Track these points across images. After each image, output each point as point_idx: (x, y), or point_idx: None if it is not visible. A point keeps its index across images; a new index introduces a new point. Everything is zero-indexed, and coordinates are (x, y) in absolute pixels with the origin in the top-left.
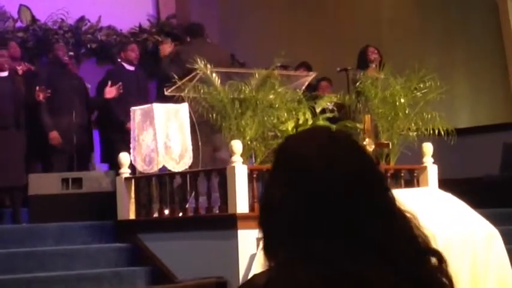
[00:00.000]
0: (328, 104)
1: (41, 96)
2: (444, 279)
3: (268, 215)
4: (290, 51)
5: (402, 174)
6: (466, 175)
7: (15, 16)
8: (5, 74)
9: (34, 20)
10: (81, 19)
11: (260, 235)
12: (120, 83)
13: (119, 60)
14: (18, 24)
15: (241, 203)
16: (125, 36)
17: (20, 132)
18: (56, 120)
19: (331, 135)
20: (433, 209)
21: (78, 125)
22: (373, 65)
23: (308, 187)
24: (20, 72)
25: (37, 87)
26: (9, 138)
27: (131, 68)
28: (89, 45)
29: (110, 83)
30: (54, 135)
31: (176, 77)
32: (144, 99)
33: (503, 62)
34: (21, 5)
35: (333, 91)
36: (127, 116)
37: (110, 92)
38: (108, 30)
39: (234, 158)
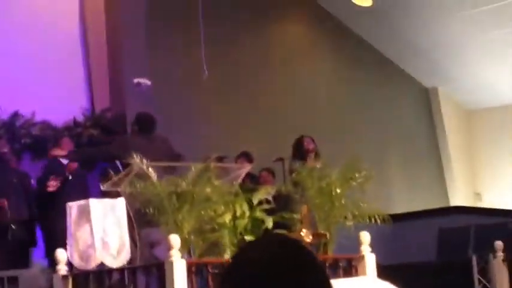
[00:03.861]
0: (266, 195)
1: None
2: None
3: None
4: (227, 141)
5: (340, 264)
6: (404, 260)
7: None
8: None
9: None
10: (15, 114)
11: None
12: (61, 178)
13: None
14: None
15: None
16: (59, 131)
17: None
18: None
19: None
20: None
21: (16, 220)
22: (312, 155)
23: None
24: None
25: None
26: None
27: (66, 161)
28: (23, 141)
29: (52, 176)
30: None
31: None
32: (83, 193)
33: (436, 149)
34: None
35: (274, 181)
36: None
37: (53, 185)
38: (43, 124)
39: (172, 253)
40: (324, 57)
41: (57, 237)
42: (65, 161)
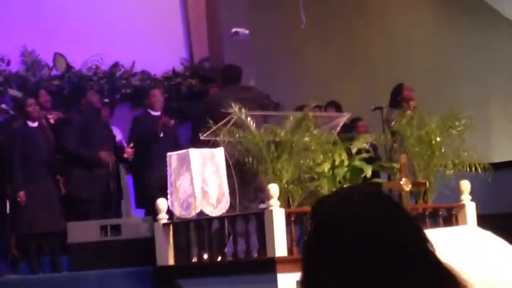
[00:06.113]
0: (365, 144)
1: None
2: None
3: (312, 279)
4: (324, 90)
5: (440, 213)
6: (505, 210)
7: (51, 64)
8: (35, 124)
9: (69, 67)
10: (115, 65)
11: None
12: (132, 145)
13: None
14: (54, 72)
15: (280, 247)
16: (158, 81)
17: (54, 180)
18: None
19: (371, 200)
20: (472, 250)
21: (107, 173)
22: (411, 104)
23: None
24: (52, 121)
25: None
26: (44, 186)
27: (156, 114)
28: (123, 91)
29: (131, 144)
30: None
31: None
32: (174, 144)
33: None
34: (56, 53)
35: (370, 130)
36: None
37: (128, 152)
38: (142, 75)
39: (271, 202)
40: (421, 1)
41: (150, 189)
42: (154, 113)
